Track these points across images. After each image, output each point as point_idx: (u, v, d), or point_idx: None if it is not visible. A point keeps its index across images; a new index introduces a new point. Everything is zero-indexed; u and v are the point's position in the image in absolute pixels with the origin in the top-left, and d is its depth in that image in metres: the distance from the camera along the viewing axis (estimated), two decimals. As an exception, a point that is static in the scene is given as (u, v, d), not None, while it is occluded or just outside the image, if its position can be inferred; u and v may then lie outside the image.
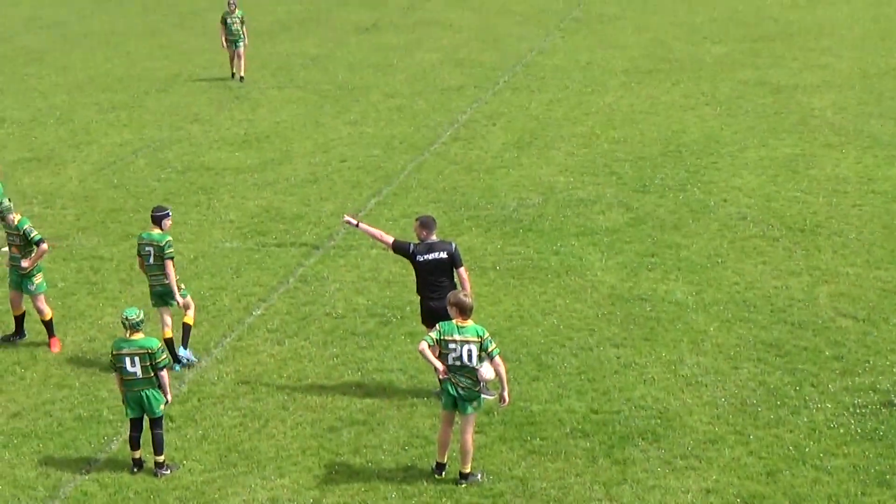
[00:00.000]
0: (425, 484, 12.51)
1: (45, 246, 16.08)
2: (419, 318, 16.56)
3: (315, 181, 23.53)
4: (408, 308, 17.00)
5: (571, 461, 12.87)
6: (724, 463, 12.74)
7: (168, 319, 15.57)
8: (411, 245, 14.11)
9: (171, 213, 15.87)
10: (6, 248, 16.98)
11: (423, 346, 12.20)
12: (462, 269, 14.06)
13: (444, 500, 12.20)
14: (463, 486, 12.43)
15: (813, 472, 12.48)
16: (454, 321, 12.29)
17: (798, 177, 22.63)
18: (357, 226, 14.68)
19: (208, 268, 18.97)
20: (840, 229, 19.71)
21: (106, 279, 18.69)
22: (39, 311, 16.18)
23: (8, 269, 16.61)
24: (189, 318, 15.78)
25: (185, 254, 19.56)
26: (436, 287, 13.94)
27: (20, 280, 16.17)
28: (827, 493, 12.10)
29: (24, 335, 16.54)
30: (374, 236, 14.65)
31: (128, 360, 12.71)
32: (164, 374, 12.86)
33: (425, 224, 14.15)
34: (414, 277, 14.30)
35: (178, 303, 15.46)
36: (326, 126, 27.98)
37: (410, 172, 23.84)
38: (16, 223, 16.04)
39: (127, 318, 12.76)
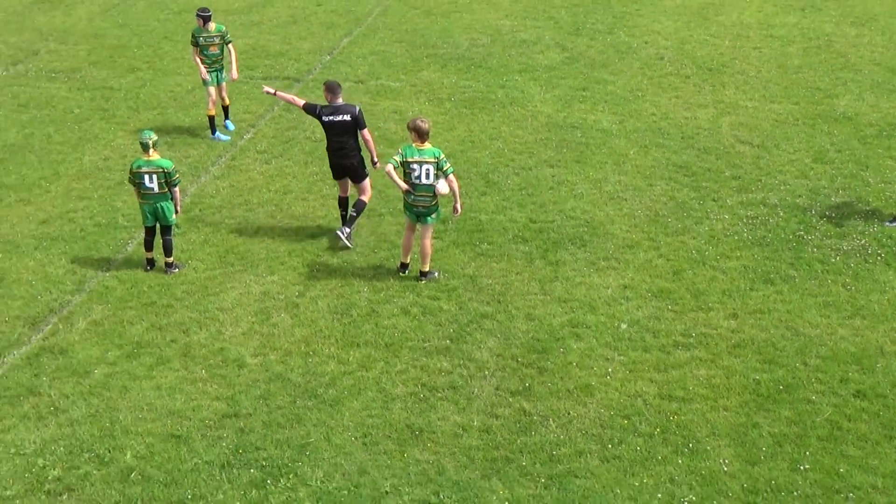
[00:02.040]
0: (391, 280, 12.67)
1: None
2: (385, 143, 16.50)
3: (295, 22, 22.91)
4: (375, 133, 16.85)
5: (513, 262, 13.06)
6: (639, 264, 12.98)
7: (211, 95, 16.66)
8: (318, 107, 13.14)
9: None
10: None
11: (390, 167, 12.10)
12: (365, 131, 13.11)
13: (407, 293, 12.38)
14: (423, 282, 12.61)
15: (711, 272, 12.77)
16: (413, 144, 12.17)
17: (708, 23, 22.35)
18: (275, 94, 13.55)
19: (204, 97, 18.56)
20: (742, 68, 19.62)
21: (116, 106, 18.30)
22: None
23: None
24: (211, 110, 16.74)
25: (184, 85, 19.14)
26: (340, 146, 13.14)
27: None
28: (722, 288, 12.41)
29: None
30: (288, 101, 13.58)
31: (146, 177, 12.54)
32: (177, 190, 12.70)
33: (330, 88, 13.09)
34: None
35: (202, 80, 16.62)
36: (304, -27, 27.05)
37: (377, 16, 23.26)
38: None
39: (143, 140, 12.50)
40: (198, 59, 16.48)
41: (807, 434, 9.94)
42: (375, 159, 13.36)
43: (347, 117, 13.02)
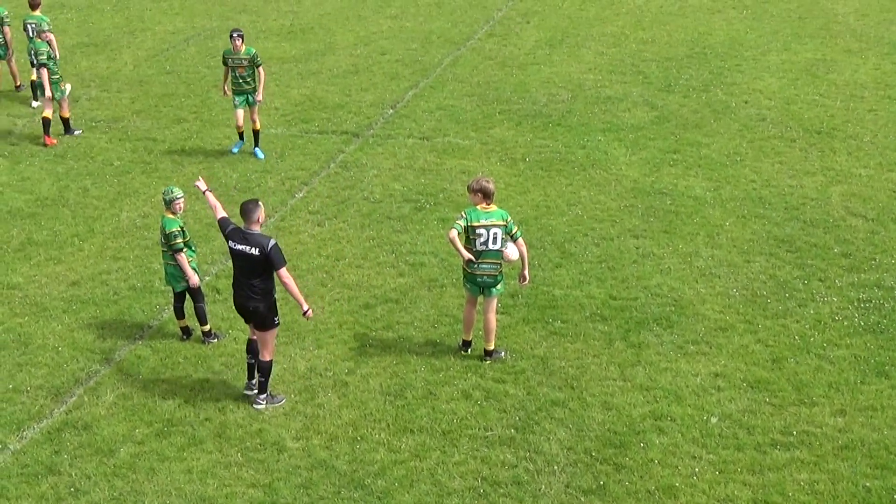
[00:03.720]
0: (452, 359, 12.66)
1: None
2: (451, 205, 16.63)
3: (356, 72, 23.36)
4: (440, 195, 17.02)
5: (589, 343, 12.98)
6: (733, 349, 12.80)
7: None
8: (230, 227, 11.64)
9: None
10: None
11: (454, 234, 12.02)
12: (283, 271, 11.42)
13: (469, 374, 12.36)
14: (487, 362, 12.57)
15: (816, 361, 12.54)
16: (478, 207, 12.20)
17: (818, 81, 22.26)
18: (205, 192, 12.39)
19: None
20: (855, 132, 19.45)
21: (159, 160, 18.76)
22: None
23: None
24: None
25: (233, 138, 19.56)
26: (245, 284, 11.53)
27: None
28: (828, 380, 12.16)
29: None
30: (211, 206, 12.28)
31: (160, 234, 12.84)
32: (180, 256, 12.70)
33: (244, 211, 11.50)
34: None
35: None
36: (368, 20, 27.67)
37: (447, 66, 23.62)
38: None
39: (163, 195, 12.81)
40: (225, 81, 18.56)
41: (926, 553, 9.62)
42: (305, 307, 11.60)
43: (256, 251, 11.31)
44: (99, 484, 10.64)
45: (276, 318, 11.73)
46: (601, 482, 10.57)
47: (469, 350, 12.78)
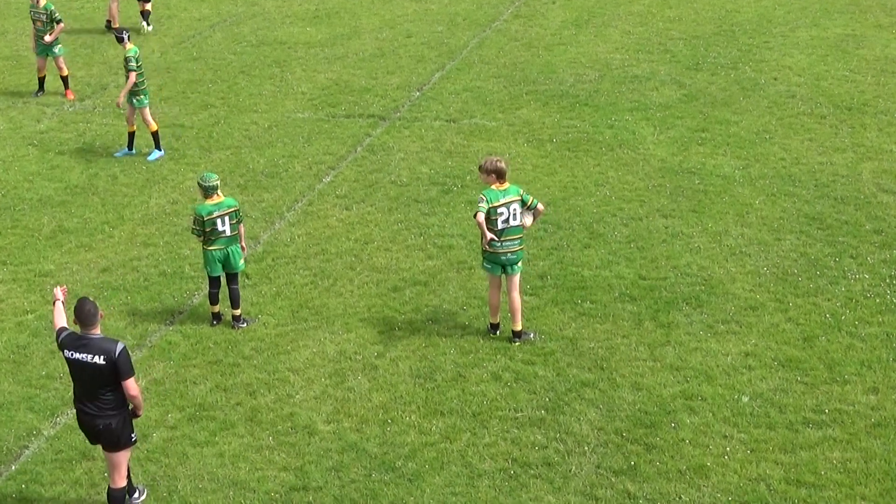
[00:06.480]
0: (481, 341, 12.67)
1: (62, 24, 20.98)
2: (478, 188, 16.60)
3: (382, 56, 23.34)
4: (468, 177, 17.00)
5: (619, 323, 12.94)
6: (764, 328, 12.74)
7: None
8: (62, 333, 9.79)
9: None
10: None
11: (481, 217, 12.09)
12: (130, 382, 9.56)
13: (498, 356, 12.36)
14: (516, 343, 12.57)
15: (848, 339, 12.45)
16: (493, 187, 12.26)
17: (848, 57, 22.03)
18: (54, 303, 10.32)
19: (281, 137, 19.05)
20: (886, 108, 19.25)
21: (186, 146, 18.83)
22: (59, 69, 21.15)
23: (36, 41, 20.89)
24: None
25: (260, 123, 19.62)
26: (91, 399, 9.66)
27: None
28: (860, 358, 12.08)
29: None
30: (55, 315, 10.17)
31: (219, 221, 12.85)
32: (242, 227, 13.15)
33: (79, 312, 9.62)
34: None
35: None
36: (393, 3, 27.61)
37: (473, 48, 23.55)
38: (42, 4, 20.23)
39: (210, 183, 12.81)
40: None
41: (960, 531, 9.56)
42: (139, 413, 9.96)
43: (100, 360, 9.50)
44: (132, 469, 10.73)
45: (132, 435, 9.87)
46: (632, 462, 10.56)
47: (498, 332, 12.78)
